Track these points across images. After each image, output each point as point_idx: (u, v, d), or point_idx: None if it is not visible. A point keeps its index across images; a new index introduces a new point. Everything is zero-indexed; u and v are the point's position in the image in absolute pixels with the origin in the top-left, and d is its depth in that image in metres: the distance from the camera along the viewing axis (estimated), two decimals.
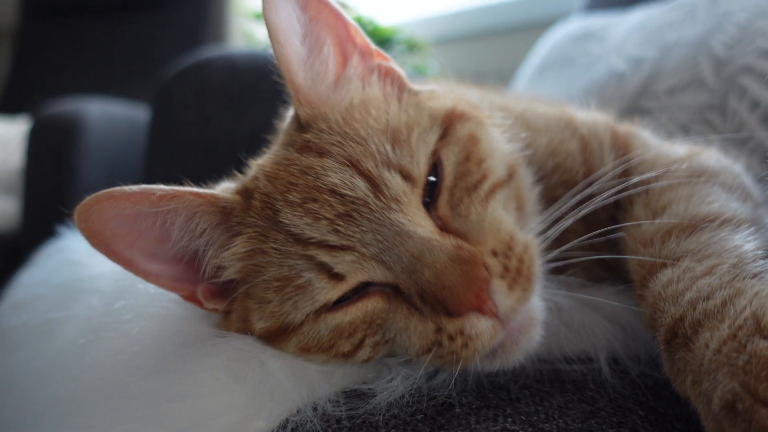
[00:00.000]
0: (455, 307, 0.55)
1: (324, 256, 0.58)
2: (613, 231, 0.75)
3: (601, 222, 0.76)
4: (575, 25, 1.64)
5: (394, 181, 0.60)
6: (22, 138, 2.31)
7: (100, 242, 0.61)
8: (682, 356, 0.50)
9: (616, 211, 0.76)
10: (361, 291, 0.60)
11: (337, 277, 0.59)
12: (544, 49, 1.68)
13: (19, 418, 0.73)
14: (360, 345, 0.60)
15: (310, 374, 0.60)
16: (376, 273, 0.59)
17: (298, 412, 0.56)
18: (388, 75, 0.72)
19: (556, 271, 0.70)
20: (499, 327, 0.57)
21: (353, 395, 0.59)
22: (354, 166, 0.60)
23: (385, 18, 2.54)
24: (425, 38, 2.53)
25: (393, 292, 0.59)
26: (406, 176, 0.61)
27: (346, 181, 0.59)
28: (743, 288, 0.50)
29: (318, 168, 0.61)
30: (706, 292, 0.52)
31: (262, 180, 0.64)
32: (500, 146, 0.68)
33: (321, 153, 0.62)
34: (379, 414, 0.55)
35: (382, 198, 0.59)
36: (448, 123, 0.66)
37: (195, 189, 0.63)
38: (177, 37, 2.91)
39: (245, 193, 0.66)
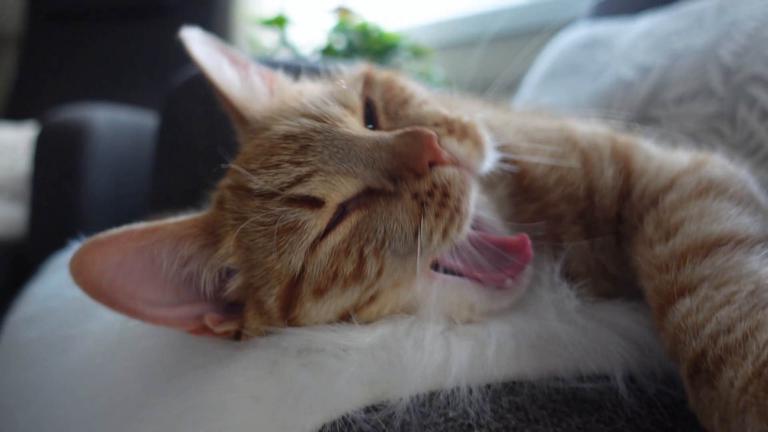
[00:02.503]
0: (418, 163, 0.62)
1: (298, 189, 0.64)
2: (618, 243, 0.76)
3: (611, 244, 0.76)
4: (582, 32, 1.64)
5: (334, 109, 0.69)
6: (29, 144, 2.32)
7: (100, 294, 0.62)
8: (707, 393, 0.50)
9: (620, 225, 0.76)
10: (341, 214, 0.65)
11: (317, 204, 0.64)
12: (550, 56, 1.67)
13: None
14: (362, 258, 0.64)
15: (339, 384, 0.59)
16: (345, 187, 0.64)
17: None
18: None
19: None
20: (466, 171, 0.65)
21: (372, 409, 0.59)
22: (298, 113, 0.70)
23: (390, 23, 2.54)
24: (430, 44, 2.53)
25: (367, 198, 0.65)
26: (345, 105, 0.71)
27: (294, 124, 0.68)
28: (764, 320, 0.50)
29: (268, 133, 0.70)
30: (726, 324, 0.51)
31: (227, 180, 0.71)
32: (421, 89, 0.79)
33: (267, 127, 0.72)
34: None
35: (327, 121, 0.68)
36: (368, 77, 0.77)
37: (175, 219, 0.66)
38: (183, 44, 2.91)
39: (219, 202, 0.70)
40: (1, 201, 2.70)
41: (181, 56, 0.87)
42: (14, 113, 3.22)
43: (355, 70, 0.82)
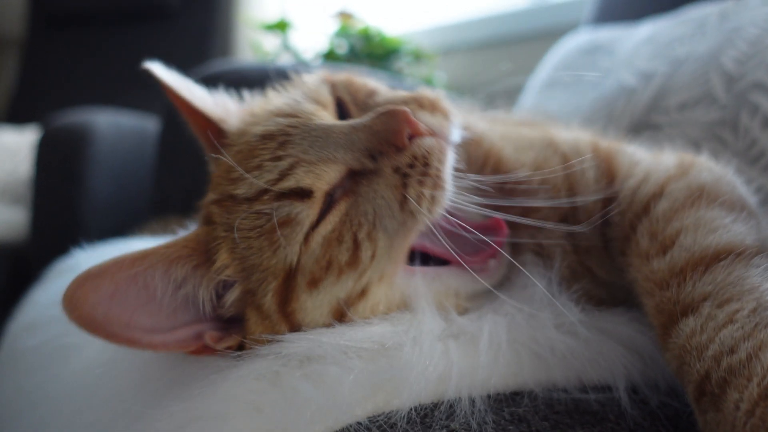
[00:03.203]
0: (398, 137, 0.65)
1: (285, 183, 0.65)
2: (606, 248, 0.76)
3: (591, 240, 0.76)
4: (584, 37, 1.64)
5: (307, 105, 0.72)
6: (31, 148, 2.32)
7: (96, 328, 0.61)
8: (714, 417, 0.49)
9: (606, 228, 0.76)
10: (330, 203, 0.66)
11: (306, 194, 0.65)
12: (552, 62, 1.67)
13: None
14: (356, 244, 0.65)
15: (340, 394, 0.59)
16: (329, 174, 0.66)
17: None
18: None
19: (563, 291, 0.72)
20: (442, 140, 0.68)
21: (374, 420, 0.58)
22: (273, 114, 0.72)
23: (392, 27, 2.54)
24: (432, 48, 2.53)
25: (352, 183, 0.67)
26: (317, 101, 0.73)
27: (269, 124, 0.70)
28: (767, 340, 0.49)
29: (245, 138, 0.71)
30: (729, 344, 0.50)
31: (210, 196, 0.72)
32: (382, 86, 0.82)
33: (244, 133, 0.73)
34: None
35: (302, 116, 0.70)
36: (329, 80, 0.80)
37: (166, 242, 0.66)
38: (185, 48, 2.92)
39: (206, 219, 0.71)
40: (3, 204, 2.70)
41: (183, 61, 0.88)
42: (16, 117, 3.22)
43: (314, 77, 0.84)
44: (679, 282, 0.59)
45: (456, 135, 0.72)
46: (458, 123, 0.74)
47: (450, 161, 0.69)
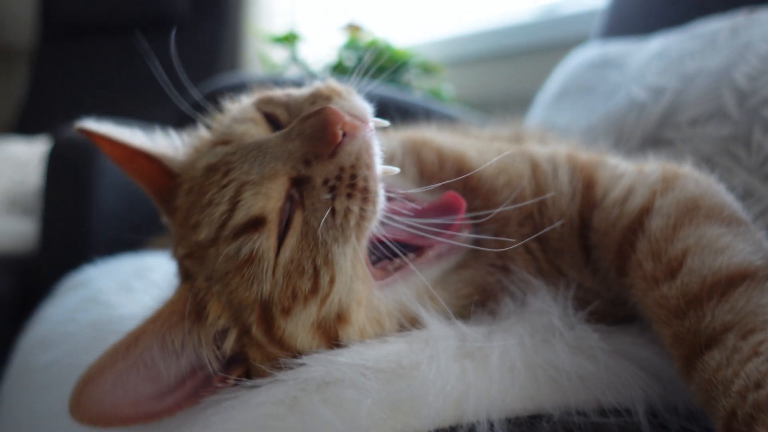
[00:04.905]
0: (328, 134, 0.63)
1: (236, 218, 0.64)
2: (583, 251, 0.76)
3: (572, 248, 0.77)
4: (593, 51, 1.64)
5: (237, 126, 0.72)
6: (40, 159, 2.33)
7: (109, 420, 0.61)
8: None
9: (590, 232, 0.76)
10: (288, 220, 0.65)
11: (260, 223, 0.64)
12: (561, 76, 1.67)
13: None
14: (315, 271, 0.64)
15: (359, 418, 0.58)
16: (275, 189, 0.65)
17: None
18: None
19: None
20: (366, 131, 0.67)
21: None
22: (212, 143, 0.72)
23: (401, 40, 2.55)
24: (439, 60, 2.53)
25: (298, 194, 0.65)
26: (247, 120, 0.72)
27: (210, 155, 0.70)
28: None
29: (192, 172, 0.71)
30: (755, 378, 0.49)
31: (180, 250, 0.71)
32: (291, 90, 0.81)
33: (191, 167, 0.73)
34: None
35: (235, 139, 0.70)
36: (259, 99, 0.77)
37: (150, 315, 0.66)
38: (194, 60, 2.93)
39: (184, 274, 0.71)
40: (12, 215, 2.71)
41: (193, 73, 0.88)
42: (26, 127, 3.24)
43: (247, 98, 0.83)
44: (696, 309, 0.58)
45: (368, 107, 0.72)
46: (359, 95, 0.74)
47: (378, 159, 0.68)
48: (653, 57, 1.40)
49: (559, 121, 1.53)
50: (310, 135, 0.65)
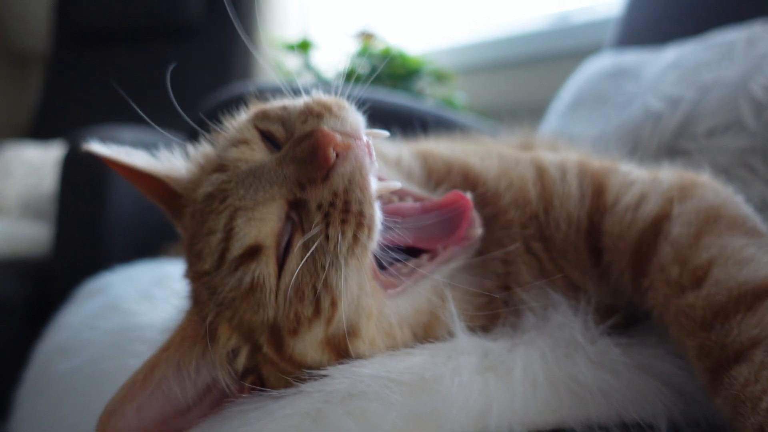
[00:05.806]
0: (319, 159, 0.62)
1: (233, 250, 0.64)
2: (598, 264, 0.76)
3: (578, 249, 0.77)
4: (608, 61, 1.64)
5: (232, 152, 0.69)
6: (55, 164, 2.35)
7: None
8: None
9: (600, 237, 0.76)
10: (287, 244, 0.65)
11: (257, 251, 0.64)
12: (576, 85, 1.67)
13: None
14: (316, 297, 0.63)
15: (384, 430, 0.59)
16: (271, 214, 0.64)
17: None
18: None
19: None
20: (358, 151, 0.65)
21: None
22: (209, 170, 0.71)
23: (413, 47, 2.56)
24: (452, 67, 2.54)
25: (297, 217, 0.65)
26: (240, 142, 0.71)
27: (207, 183, 0.69)
28: None
29: (194, 195, 0.71)
30: None
31: (190, 272, 0.71)
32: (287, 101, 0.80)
33: (194, 189, 0.72)
34: None
35: (230, 166, 0.68)
36: (255, 114, 0.75)
37: (163, 344, 0.66)
38: (208, 67, 2.95)
39: (194, 299, 0.71)
40: (26, 219, 2.74)
41: (206, 80, 0.87)
42: (40, 132, 3.27)
43: (244, 115, 0.81)
44: (723, 324, 0.58)
45: (361, 120, 0.70)
46: (352, 108, 0.72)
47: (372, 181, 0.66)
48: (669, 67, 1.39)
49: (574, 130, 1.53)
50: (302, 160, 0.64)
